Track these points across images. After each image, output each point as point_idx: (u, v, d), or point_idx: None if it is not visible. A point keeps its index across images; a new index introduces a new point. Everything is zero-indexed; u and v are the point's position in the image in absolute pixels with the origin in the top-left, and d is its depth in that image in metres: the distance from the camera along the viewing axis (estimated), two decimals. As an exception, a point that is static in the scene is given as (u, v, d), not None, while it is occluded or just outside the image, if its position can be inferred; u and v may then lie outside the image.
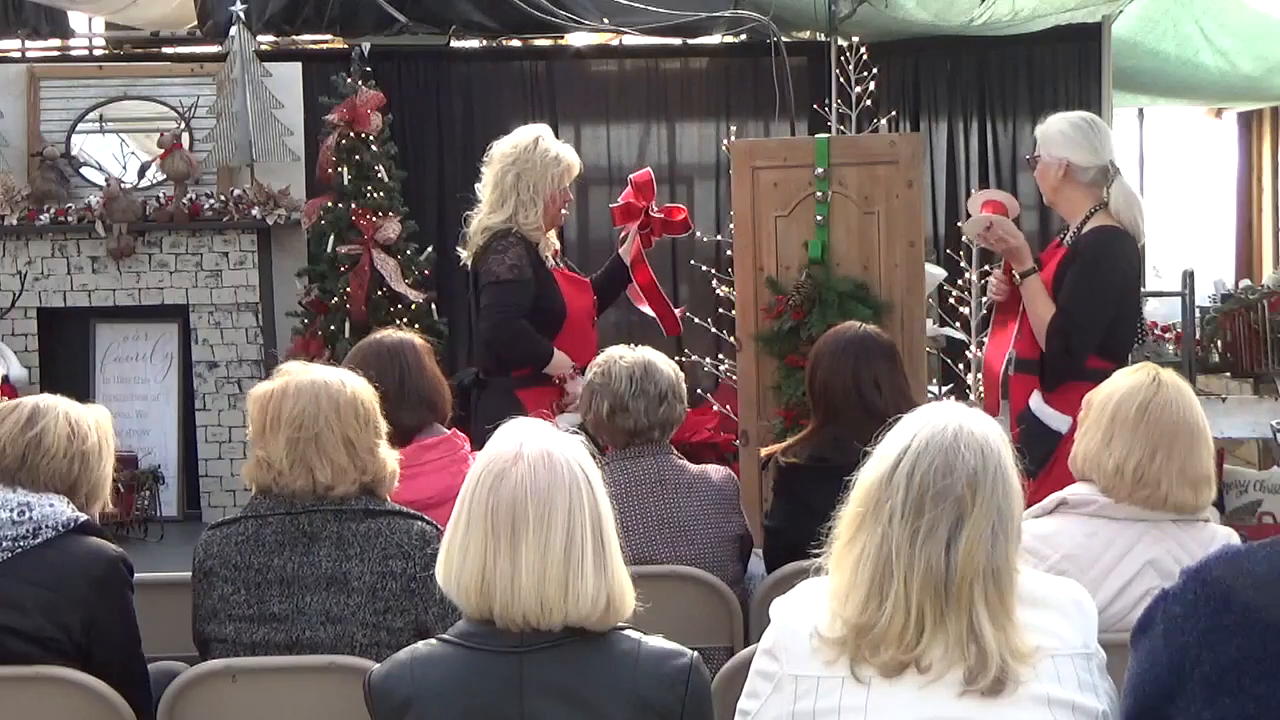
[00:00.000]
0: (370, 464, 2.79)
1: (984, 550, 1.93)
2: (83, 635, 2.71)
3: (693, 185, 8.77)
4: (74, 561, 2.73)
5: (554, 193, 4.55)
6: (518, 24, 8.16)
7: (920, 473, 1.96)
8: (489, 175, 4.57)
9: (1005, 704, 1.92)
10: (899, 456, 1.99)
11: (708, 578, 3.31)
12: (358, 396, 2.79)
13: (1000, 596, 1.94)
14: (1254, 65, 9.19)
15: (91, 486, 2.89)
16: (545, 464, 2.08)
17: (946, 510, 1.94)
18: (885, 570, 1.94)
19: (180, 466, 7.81)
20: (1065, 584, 2.14)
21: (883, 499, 1.97)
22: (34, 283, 7.69)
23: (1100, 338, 4.02)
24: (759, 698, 2.04)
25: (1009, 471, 1.99)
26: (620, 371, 3.49)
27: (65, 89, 7.95)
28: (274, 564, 2.73)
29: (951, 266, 6.46)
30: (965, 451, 1.96)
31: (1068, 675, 1.96)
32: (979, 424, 2.02)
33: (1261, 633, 1.92)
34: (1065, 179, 4.15)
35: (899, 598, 1.92)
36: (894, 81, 8.26)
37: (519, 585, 2.04)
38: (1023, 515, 2.04)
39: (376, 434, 2.82)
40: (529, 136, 4.59)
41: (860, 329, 3.72)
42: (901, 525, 1.94)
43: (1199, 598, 1.97)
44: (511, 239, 4.45)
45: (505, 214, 4.49)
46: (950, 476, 1.95)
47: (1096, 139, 4.13)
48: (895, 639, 1.92)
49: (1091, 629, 2.03)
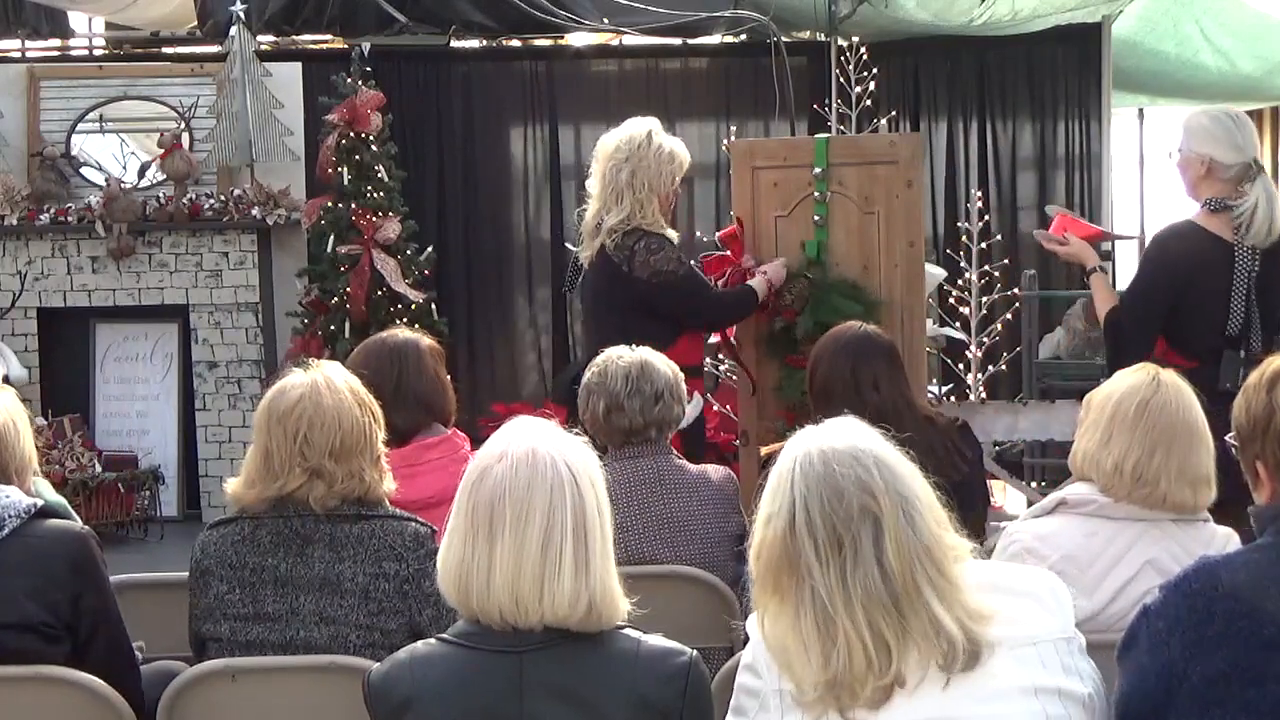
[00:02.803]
0: (367, 475, 2.78)
1: (908, 537, 1.91)
2: (72, 616, 2.72)
3: (693, 185, 8.76)
4: (46, 545, 2.74)
5: (668, 191, 4.59)
6: (518, 24, 8.17)
7: (816, 514, 1.92)
8: (599, 170, 4.57)
9: (993, 693, 1.91)
10: (789, 514, 1.94)
11: (708, 578, 3.30)
12: (330, 413, 2.76)
13: (941, 571, 1.92)
14: (1254, 65, 9.20)
15: (19, 464, 2.89)
16: (528, 462, 2.08)
17: (863, 526, 1.91)
18: (826, 619, 1.90)
19: (180, 466, 7.82)
20: (1038, 573, 2.13)
21: (794, 558, 1.93)
22: (34, 283, 7.69)
23: (1153, 330, 4.00)
24: (746, 715, 2.03)
25: (885, 455, 1.97)
26: (617, 371, 3.50)
27: (65, 89, 7.96)
28: (268, 564, 2.73)
29: (951, 266, 6.45)
30: (837, 467, 1.93)
31: (1051, 661, 1.95)
32: (833, 437, 1.99)
33: (1246, 641, 1.93)
34: (1207, 175, 4.06)
35: (849, 637, 1.89)
36: (894, 81, 8.26)
37: (493, 582, 2.04)
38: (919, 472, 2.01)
39: (373, 445, 2.81)
40: (641, 132, 4.57)
41: (860, 329, 3.73)
42: (825, 570, 1.91)
43: (1181, 611, 1.97)
44: (654, 239, 4.49)
45: (624, 212, 4.50)
46: (844, 497, 1.92)
47: (1240, 135, 4.06)
48: (863, 675, 1.89)
49: (1068, 614, 2.02)
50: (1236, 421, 2.18)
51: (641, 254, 4.47)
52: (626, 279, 4.49)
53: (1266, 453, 2.11)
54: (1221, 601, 1.96)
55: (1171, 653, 1.96)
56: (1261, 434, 2.12)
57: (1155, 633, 1.99)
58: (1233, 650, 1.93)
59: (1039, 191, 8.87)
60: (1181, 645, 1.95)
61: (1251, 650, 1.92)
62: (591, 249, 4.58)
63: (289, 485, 2.72)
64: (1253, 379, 2.17)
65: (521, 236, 8.66)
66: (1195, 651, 1.94)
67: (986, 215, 6.64)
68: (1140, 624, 2.03)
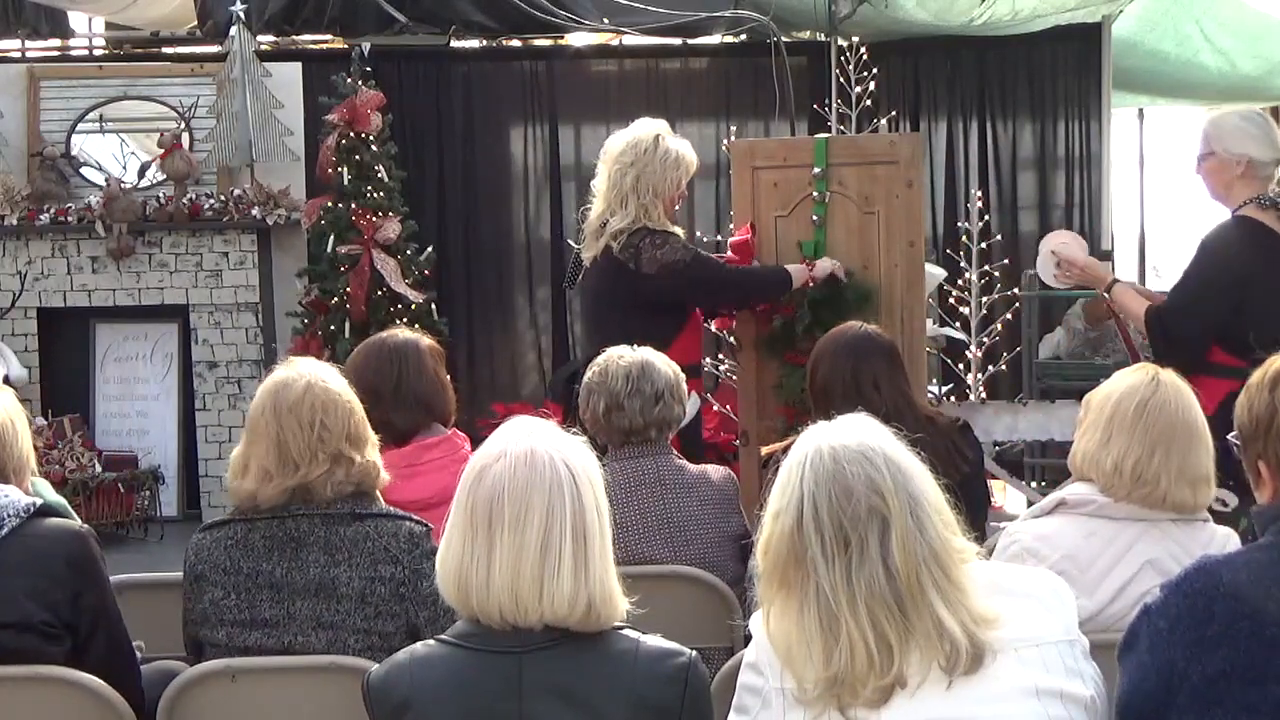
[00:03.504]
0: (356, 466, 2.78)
1: (915, 540, 1.92)
2: (71, 615, 2.72)
3: (693, 185, 8.69)
4: (46, 544, 2.73)
5: (673, 194, 4.60)
6: (518, 24, 8.17)
7: (824, 511, 1.93)
8: (605, 172, 4.58)
9: (995, 695, 1.91)
10: (797, 510, 1.95)
11: (708, 578, 3.30)
12: (340, 399, 2.77)
13: (947, 574, 1.92)
14: (1254, 65, 9.20)
15: (17, 464, 2.89)
16: (526, 462, 2.08)
17: (870, 526, 1.92)
18: (829, 616, 1.91)
19: (180, 466, 7.82)
20: (1041, 574, 2.14)
21: (800, 554, 1.94)
22: (34, 283, 7.69)
23: (1211, 330, 3.96)
24: (749, 713, 2.03)
25: (896, 455, 1.97)
26: (617, 371, 3.50)
27: (65, 89, 7.96)
28: (263, 568, 2.72)
29: (951, 266, 6.45)
30: (848, 465, 1.94)
31: (1054, 663, 1.96)
32: (844, 434, 1.99)
33: (1247, 641, 1.93)
34: (1244, 175, 4.02)
35: (851, 636, 1.90)
36: (894, 81, 8.25)
37: (493, 582, 2.04)
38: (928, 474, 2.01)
39: (361, 436, 2.81)
40: (648, 136, 4.57)
41: (861, 329, 3.73)
42: (831, 567, 1.91)
43: (1182, 611, 1.97)
44: (659, 235, 4.50)
45: (628, 217, 4.50)
46: (852, 496, 1.92)
47: (1274, 133, 4.06)
48: (865, 674, 1.90)
49: (1072, 616, 2.03)
50: (1239, 421, 2.18)
51: (648, 250, 4.47)
52: (634, 276, 4.49)
53: (1269, 452, 2.11)
54: (1222, 601, 1.96)
55: (1172, 652, 1.96)
56: (1264, 433, 2.12)
57: (1156, 632, 1.99)
58: (1233, 650, 1.93)
59: (1039, 191, 8.87)
60: (1182, 645, 1.95)
61: (1252, 650, 1.92)
62: (595, 249, 4.58)
63: (313, 473, 2.71)
64: (1255, 378, 2.17)
65: (521, 236, 8.65)
66: (1196, 651, 1.94)
67: (986, 215, 6.63)
68: (1141, 623, 2.03)
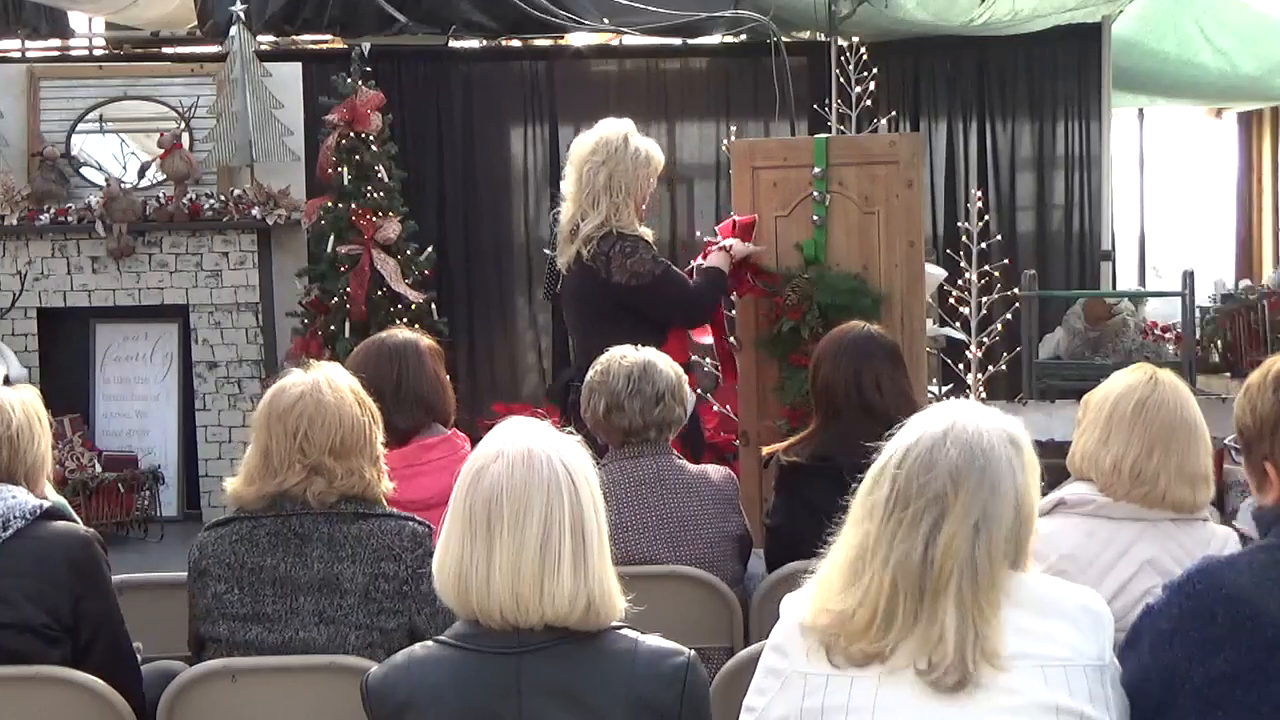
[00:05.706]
0: (366, 473, 2.78)
1: (964, 547, 1.90)
2: (72, 619, 2.72)
3: (693, 185, 8.78)
4: (50, 547, 2.73)
5: (644, 193, 4.58)
6: (518, 24, 8.16)
7: (906, 468, 1.95)
8: (574, 173, 4.54)
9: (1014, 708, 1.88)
10: (891, 454, 1.98)
11: (708, 578, 3.31)
12: (332, 411, 2.76)
13: (975, 594, 1.90)
14: (1254, 65, 9.20)
15: (30, 468, 2.88)
16: (524, 462, 2.08)
17: (929, 506, 1.92)
18: (860, 558, 1.94)
19: (180, 466, 7.82)
20: (1075, 590, 2.06)
21: (873, 494, 1.97)
22: (34, 283, 7.69)
23: None
24: (766, 694, 2.02)
25: (1001, 471, 1.94)
26: (619, 371, 3.50)
27: (65, 89, 7.96)
28: (267, 564, 2.73)
29: (951, 266, 6.45)
30: (951, 448, 1.93)
31: (1079, 686, 1.91)
32: (983, 422, 1.98)
33: (1249, 643, 1.92)
34: None
35: (867, 590, 1.91)
36: (894, 81, 8.26)
37: (494, 582, 2.04)
38: (1029, 518, 1.99)
39: (373, 444, 2.82)
40: (617, 135, 4.54)
41: (863, 329, 3.72)
42: (884, 520, 1.94)
43: (1184, 611, 1.97)
44: (629, 241, 4.46)
45: (600, 216, 4.47)
46: (931, 472, 1.93)
47: None
48: (861, 630, 1.91)
49: (1106, 639, 1.97)
50: (1240, 422, 2.17)
51: (618, 258, 4.43)
52: (604, 284, 4.46)
53: (1276, 452, 2.10)
54: (1224, 603, 1.96)
55: (1174, 653, 1.96)
56: (1270, 433, 2.11)
57: (1158, 633, 1.99)
58: (1235, 651, 1.93)
59: (1038, 191, 8.88)
60: (1184, 646, 1.95)
61: (1254, 651, 1.92)
62: (569, 255, 4.55)
63: (288, 481, 2.72)
64: (1255, 379, 2.16)
65: (521, 236, 8.66)
66: (1198, 652, 1.94)
67: (986, 215, 6.64)
68: (1143, 623, 2.03)
